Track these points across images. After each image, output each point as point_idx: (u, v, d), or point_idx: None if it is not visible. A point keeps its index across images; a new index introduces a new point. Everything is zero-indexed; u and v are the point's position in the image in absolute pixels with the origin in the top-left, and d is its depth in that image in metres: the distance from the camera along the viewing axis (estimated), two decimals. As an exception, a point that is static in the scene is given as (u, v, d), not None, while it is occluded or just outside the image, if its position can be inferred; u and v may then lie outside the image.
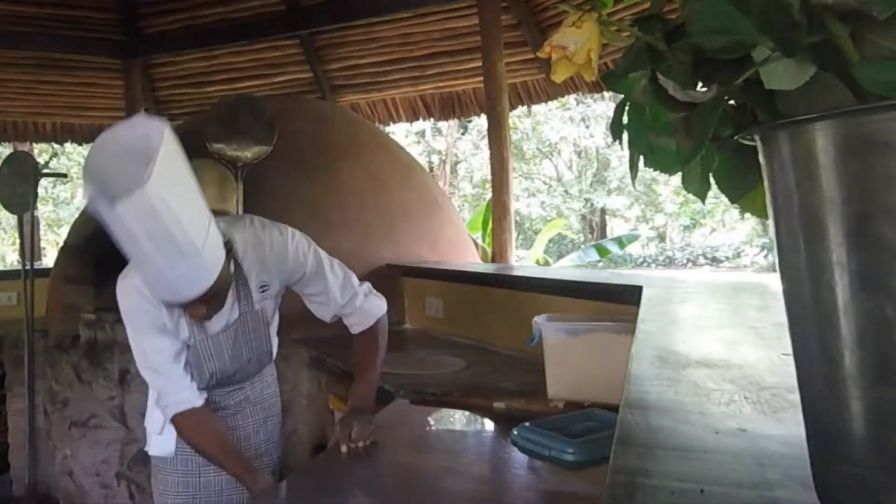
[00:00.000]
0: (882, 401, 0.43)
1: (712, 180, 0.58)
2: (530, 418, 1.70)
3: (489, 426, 1.97)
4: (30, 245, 4.06)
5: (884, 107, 0.41)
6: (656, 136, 0.56)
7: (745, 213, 0.62)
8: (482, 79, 4.23)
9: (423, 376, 2.36)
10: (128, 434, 3.31)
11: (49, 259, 12.50)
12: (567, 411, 1.81)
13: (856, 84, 0.44)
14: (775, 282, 0.52)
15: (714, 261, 15.93)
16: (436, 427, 2.00)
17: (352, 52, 5.26)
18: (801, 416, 0.51)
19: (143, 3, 5.31)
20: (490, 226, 4.57)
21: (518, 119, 15.08)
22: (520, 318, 2.33)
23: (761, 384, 0.82)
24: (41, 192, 5.48)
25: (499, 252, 4.13)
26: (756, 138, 0.50)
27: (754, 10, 0.45)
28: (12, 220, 10.50)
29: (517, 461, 1.60)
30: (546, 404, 1.90)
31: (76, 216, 4.53)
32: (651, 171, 0.59)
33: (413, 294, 3.51)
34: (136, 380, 3.27)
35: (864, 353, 0.43)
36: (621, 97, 0.59)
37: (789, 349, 0.51)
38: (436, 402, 2.09)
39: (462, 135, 16.82)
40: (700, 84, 0.53)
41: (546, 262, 8.46)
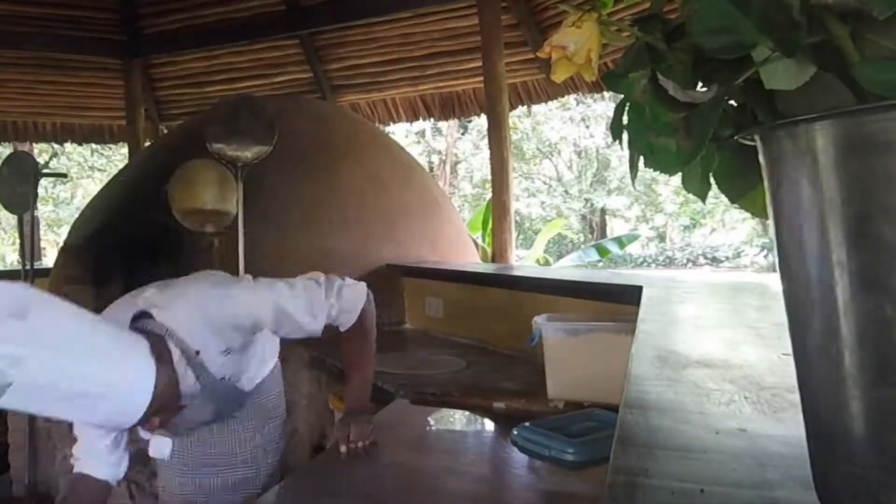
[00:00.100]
0: (882, 401, 0.43)
1: (712, 180, 0.58)
2: (530, 418, 1.70)
3: (489, 426, 1.97)
4: (30, 245, 4.05)
5: (884, 107, 0.41)
6: (656, 136, 0.56)
7: (746, 213, 0.62)
8: (482, 79, 4.23)
9: (423, 376, 2.36)
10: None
11: (49, 259, 12.50)
12: (567, 411, 1.81)
13: (856, 84, 0.44)
14: (775, 282, 0.52)
15: (714, 261, 15.93)
16: (436, 427, 2.00)
17: (352, 52, 5.27)
18: (801, 416, 0.51)
19: (143, 3, 5.31)
20: (490, 226, 4.57)
21: (518, 119, 15.09)
22: (520, 318, 2.33)
23: (761, 384, 0.82)
24: (41, 192, 5.47)
25: (499, 252, 4.13)
26: (756, 138, 0.50)
27: (754, 10, 0.45)
28: (12, 220, 10.50)
29: (517, 461, 1.60)
30: (546, 404, 1.90)
31: (76, 216, 4.53)
32: (651, 171, 0.59)
33: (413, 294, 3.50)
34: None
35: (864, 353, 0.43)
36: (621, 97, 0.58)
37: (789, 349, 0.51)
38: (436, 402, 2.09)
39: (462, 135, 16.82)
40: (700, 84, 0.53)
41: (546, 262, 8.46)
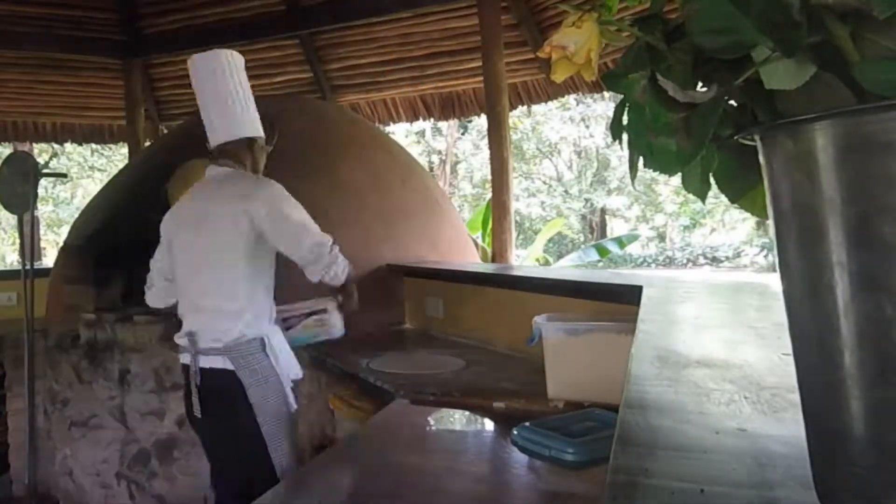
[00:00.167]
0: (882, 401, 0.43)
1: (712, 180, 0.58)
2: (530, 418, 1.70)
3: (489, 426, 1.97)
4: (30, 245, 4.05)
5: (884, 107, 0.41)
6: (656, 136, 0.56)
7: (746, 213, 0.62)
8: (482, 79, 4.23)
9: (423, 376, 2.36)
10: (128, 434, 3.31)
11: (49, 259, 12.52)
12: (567, 411, 1.81)
13: (856, 84, 0.44)
14: (775, 282, 0.52)
15: (714, 261, 15.93)
16: (436, 427, 2.00)
17: (352, 52, 5.26)
18: (801, 416, 0.51)
19: (143, 3, 5.30)
20: (490, 226, 4.57)
21: (518, 119, 15.07)
22: (520, 318, 2.33)
23: (761, 384, 0.82)
24: (41, 192, 5.48)
25: (499, 252, 4.13)
26: (756, 138, 0.50)
27: (754, 10, 0.45)
28: (12, 220, 10.49)
29: (517, 461, 1.60)
30: (546, 404, 1.90)
31: (76, 216, 4.53)
32: (651, 170, 0.59)
33: (413, 294, 3.50)
34: (136, 380, 3.28)
35: (864, 353, 0.43)
36: (621, 97, 0.59)
37: (789, 349, 0.51)
38: (436, 402, 2.09)
39: (462, 135, 16.81)
40: (700, 84, 0.53)
41: (546, 262, 8.46)
